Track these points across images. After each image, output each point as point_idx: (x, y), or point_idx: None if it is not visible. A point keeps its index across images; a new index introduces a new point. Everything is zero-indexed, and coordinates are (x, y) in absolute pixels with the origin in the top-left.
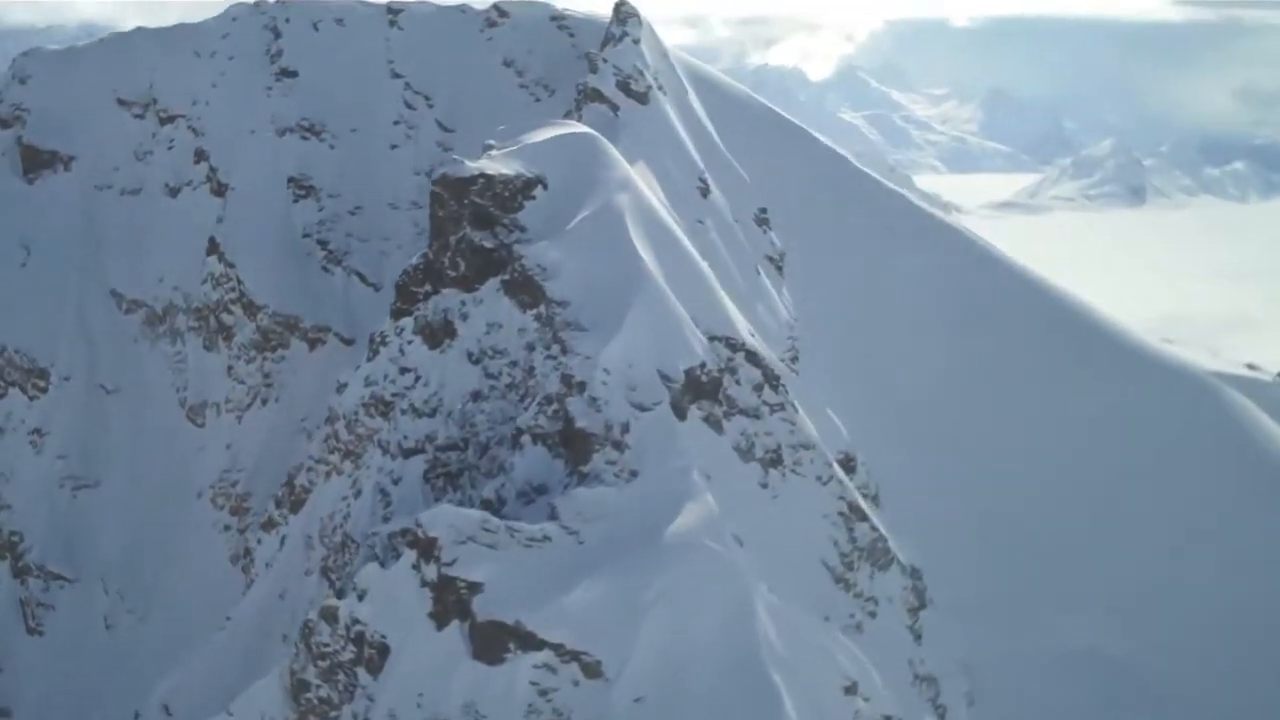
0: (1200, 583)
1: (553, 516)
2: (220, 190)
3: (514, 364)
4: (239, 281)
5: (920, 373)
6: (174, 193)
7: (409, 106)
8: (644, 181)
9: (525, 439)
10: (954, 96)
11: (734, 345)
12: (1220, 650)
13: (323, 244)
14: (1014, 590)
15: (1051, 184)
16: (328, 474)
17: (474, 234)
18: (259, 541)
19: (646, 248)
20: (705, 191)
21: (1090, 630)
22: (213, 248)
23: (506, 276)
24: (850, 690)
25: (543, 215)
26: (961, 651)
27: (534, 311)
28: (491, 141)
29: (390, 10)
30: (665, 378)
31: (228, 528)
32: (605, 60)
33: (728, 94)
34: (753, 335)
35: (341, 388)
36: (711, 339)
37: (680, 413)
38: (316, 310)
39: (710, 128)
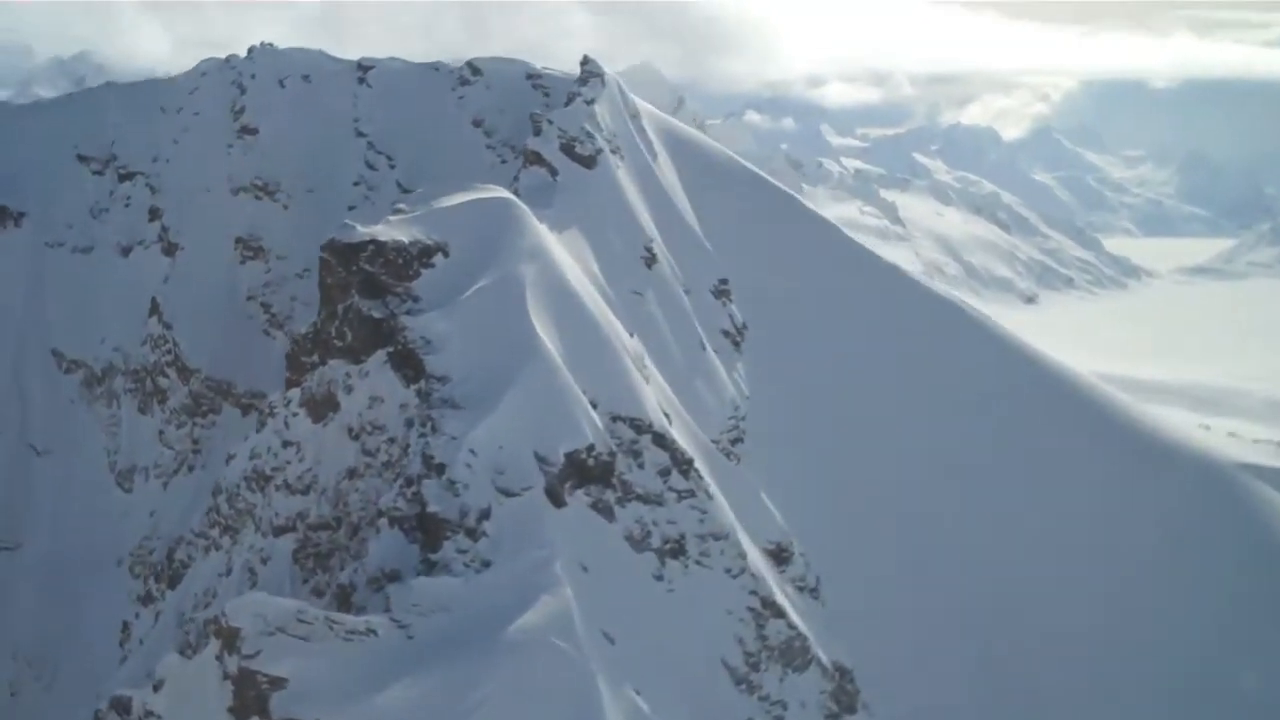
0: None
1: (385, 608)
2: (171, 250)
3: (391, 441)
4: (174, 344)
5: (893, 458)
6: (126, 252)
7: (370, 167)
8: (570, 250)
9: (383, 522)
10: (1150, 159)
11: (640, 426)
12: None
13: (266, 306)
14: (981, 703)
15: (1248, 249)
16: (207, 549)
17: (362, 303)
18: (136, 616)
19: (548, 322)
20: (650, 261)
21: None
22: (154, 308)
23: (392, 349)
24: None
25: (442, 285)
26: None
27: (416, 386)
28: (401, 205)
29: (360, 67)
30: (542, 460)
31: (139, 598)
32: (550, 122)
33: (712, 160)
34: (668, 416)
35: (229, 459)
36: (614, 419)
37: (557, 498)
38: (252, 375)
39: (679, 194)
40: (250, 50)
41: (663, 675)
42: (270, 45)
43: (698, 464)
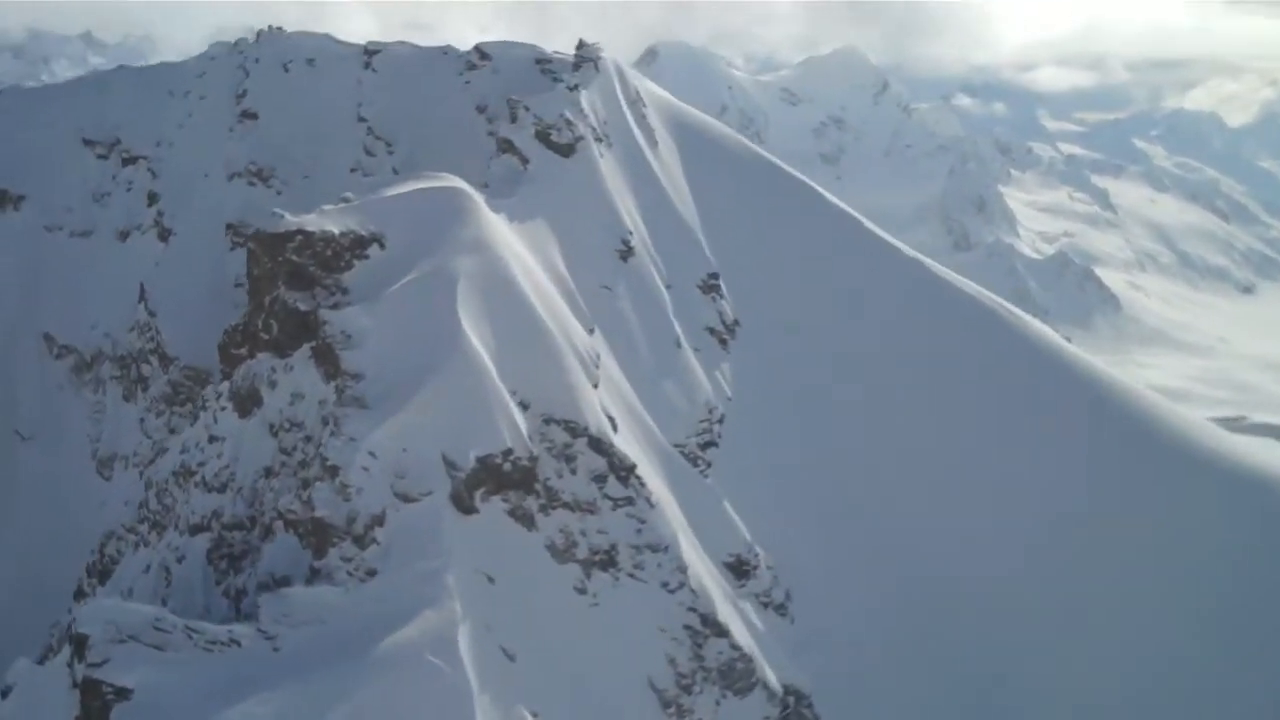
0: None
1: (253, 616)
2: (165, 235)
3: (308, 439)
4: (157, 331)
5: (893, 466)
6: (124, 236)
7: (368, 153)
8: (530, 242)
9: (279, 525)
10: None
11: (575, 430)
12: None
13: None
14: None
15: None
16: (136, 545)
17: (289, 295)
18: (69, 611)
19: (480, 318)
20: (626, 254)
21: None
22: (141, 294)
23: (315, 343)
24: None
25: (375, 277)
26: None
27: (335, 383)
28: (348, 194)
29: (367, 51)
30: (450, 464)
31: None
32: (527, 108)
33: (725, 150)
34: (612, 420)
35: (163, 453)
36: (547, 421)
37: (464, 505)
38: None
39: (678, 185)
40: (259, 34)
41: (573, 695)
42: (279, 29)
43: (643, 470)
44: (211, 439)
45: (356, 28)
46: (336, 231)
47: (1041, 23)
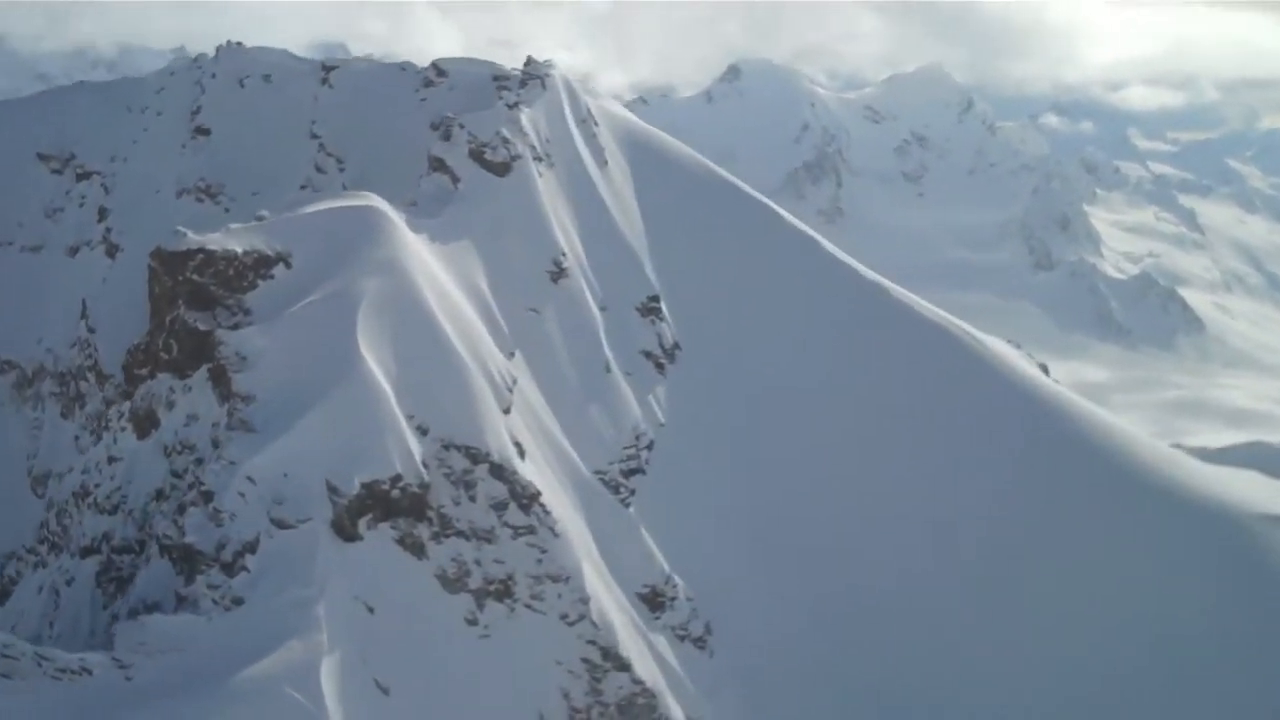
0: None
1: (108, 645)
2: (112, 251)
3: (199, 462)
4: (95, 348)
5: (831, 496)
6: (74, 252)
7: (319, 170)
8: (452, 264)
9: (154, 549)
10: None
11: (476, 456)
12: None
13: None
14: None
15: None
16: (35, 566)
17: (189, 314)
18: None
19: (382, 341)
20: (558, 275)
21: None
22: (84, 311)
23: (212, 364)
24: None
25: (279, 298)
26: None
27: (227, 405)
28: (264, 212)
29: (324, 67)
30: (333, 490)
31: None
32: (461, 126)
33: (682, 171)
34: (519, 446)
35: (65, 474)
36: (446, 447)
37: (345, 532)
38: None
39: (626, 206)
40: (218, 49)
41: None
42: (238, 44)
43: (552, 498)
44: (110, 459)
45: (440, 46)
46: (239, 250)
47: (1129, 42)
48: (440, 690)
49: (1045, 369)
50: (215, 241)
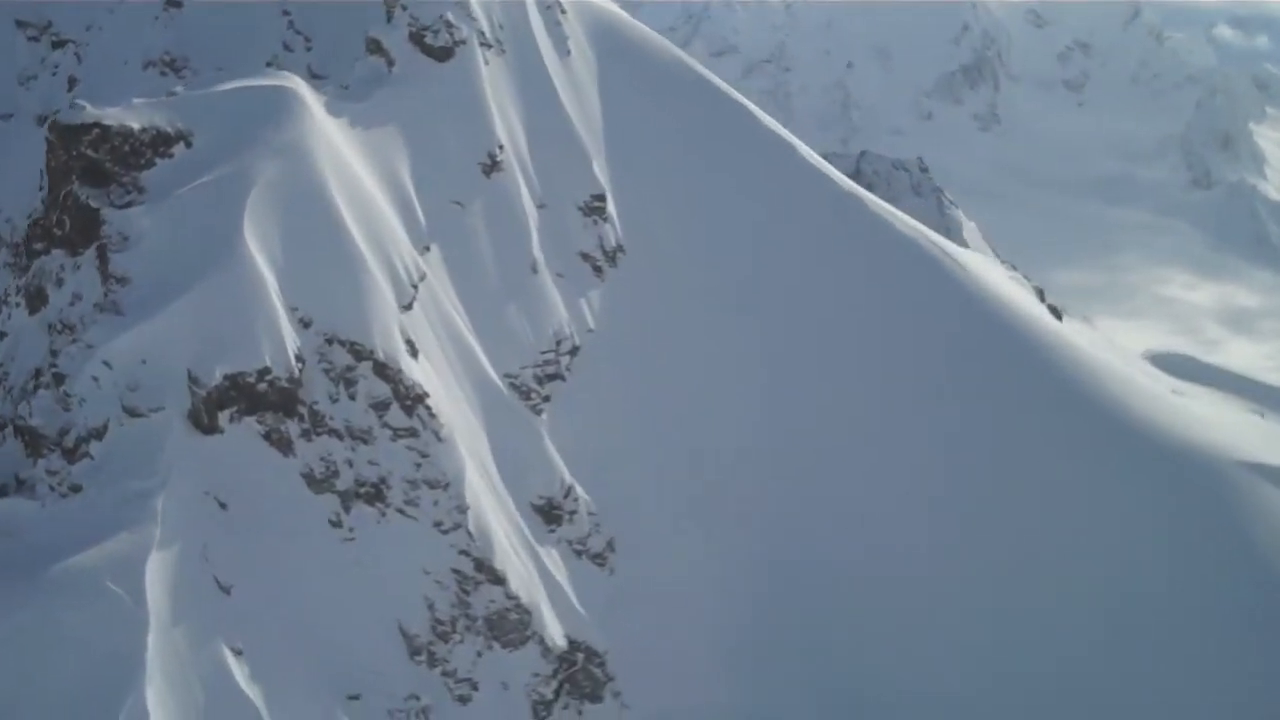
0: None
1: None
2: None
3: (75, 343)
4: None
5: (759, 419)
6: (42, 121)
7: (287, 48)
8: (372, 151)
9: (8, 431)
10: None
11: (359, 352)
12: None
13: None
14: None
15: None
16: None
17: (82, 190)
18: None
19: (271, 228)
20: (491, 169)
21: None
22: (40, 182)
23: (99, 243)
24: None
25: (176, 178)
26: None
27: (105, 286)
28: (177, 89)
29: None
30: (194, 380)
31: None
32: (404, 8)
33: (657, 68)
34: (411, 344)
35: None
36: (329, 341)
37: (203, 424)
38: None
39: (586, 100)
40: None
41: (297, 633)
42: None
43: (445, 401)
44: (2, 336)
45: None
46: (137, 127)
47: None
48: (290, 592)
49: (1041, 294)
50: (113, 117)
